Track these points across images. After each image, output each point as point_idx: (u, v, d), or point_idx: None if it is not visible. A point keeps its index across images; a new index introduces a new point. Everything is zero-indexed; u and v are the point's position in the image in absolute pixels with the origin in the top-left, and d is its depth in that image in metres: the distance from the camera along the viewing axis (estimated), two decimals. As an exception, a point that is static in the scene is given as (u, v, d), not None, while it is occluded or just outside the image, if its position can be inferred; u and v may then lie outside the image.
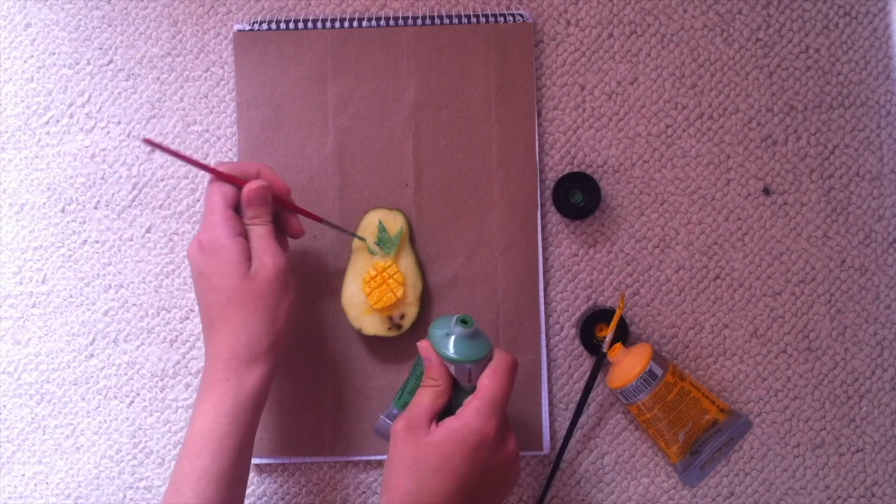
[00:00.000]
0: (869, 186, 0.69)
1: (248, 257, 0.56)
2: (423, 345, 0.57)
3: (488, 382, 0.54)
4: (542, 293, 0.67)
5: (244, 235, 0.57)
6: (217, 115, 0.68)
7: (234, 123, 0.68)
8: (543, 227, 0.68)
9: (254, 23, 0.68)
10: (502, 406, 0.54)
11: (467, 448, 0.53)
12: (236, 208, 0.58)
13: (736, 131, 0.69)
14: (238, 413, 0.55)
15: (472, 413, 0.53)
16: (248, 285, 0.55)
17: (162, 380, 0.68)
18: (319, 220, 0.63)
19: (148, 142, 0.55)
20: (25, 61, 0.69)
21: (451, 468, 0.52)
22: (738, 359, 0.68)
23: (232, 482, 0.54)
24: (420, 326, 0.65)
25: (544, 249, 0.68)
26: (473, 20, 0.68)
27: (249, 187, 0.57)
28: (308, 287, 0.67)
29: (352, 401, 0.67)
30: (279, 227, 0.61)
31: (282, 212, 0.61)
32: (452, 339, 0.55)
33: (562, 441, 0.66)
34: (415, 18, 0.68)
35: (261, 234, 0.57)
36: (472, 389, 0.55)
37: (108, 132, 0.69)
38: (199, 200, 0.68)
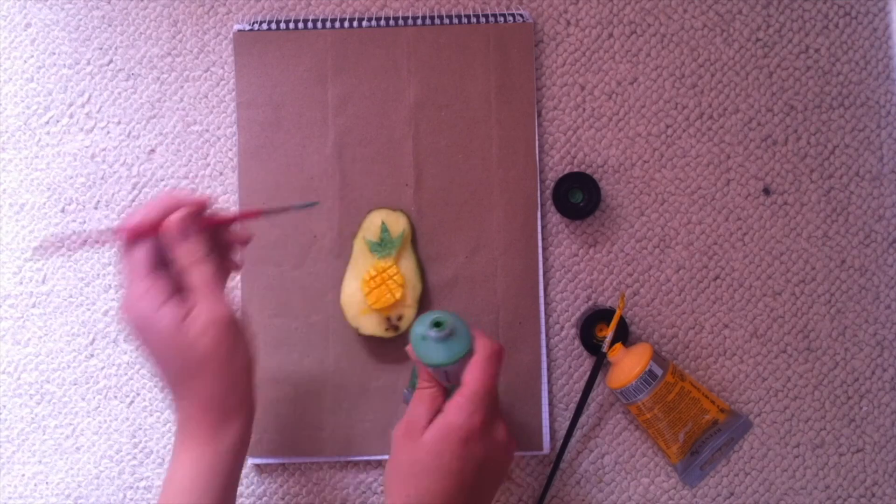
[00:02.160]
0: (869, 186, 0.69)
1: (182, 319, 0.50)
2: (410, 349, 0.56)
3: (469, 377, 0.53)
4: (542, 293, 0.67)
5: (174, 292, 0.51)
6: (217, 115, 0.68)
7: (234, 123, 0.68)
8: (543, 227, 0.68)
9: (254, 23, 0.68)
10: (486, 398, 0.53)
11: (455, 444, 0.52)
12: (163, 257, 0.52)
13: (736, 131, 0.69)
14: (218, 470, 0.53)
15: (454, 410, 0.53)
16: (191, 353, 0.50)
17: (162, 380, 0.68)
18: (260, 213, 0.59)
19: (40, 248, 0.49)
20: (25, 61, 0.69)
21: (444, 467, 0.52)
22: (738, 359, 0.68)
23: None
24: (420, 327, 0.65)
25: (544, 249, 0.68)
26: (473, 20, 0.68)
27: (167, 226, 0.51)
28: (308, 287, 0.67)
29: (352, 401, 0.67)
30: (220, 245, 0.56)
31: (217, 227, 0.55)
32: (427, 343, 0.54)
33: (562, 441, 0.66)
34: (415, 18, 0.68)
35: (197, 282, 0.51)
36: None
37: (108, 132, 0.69)
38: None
